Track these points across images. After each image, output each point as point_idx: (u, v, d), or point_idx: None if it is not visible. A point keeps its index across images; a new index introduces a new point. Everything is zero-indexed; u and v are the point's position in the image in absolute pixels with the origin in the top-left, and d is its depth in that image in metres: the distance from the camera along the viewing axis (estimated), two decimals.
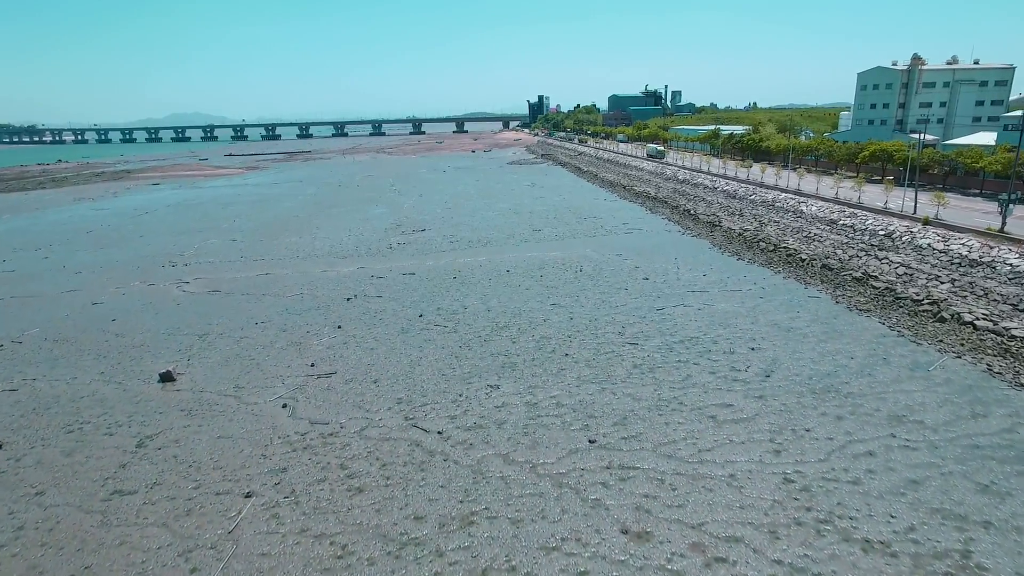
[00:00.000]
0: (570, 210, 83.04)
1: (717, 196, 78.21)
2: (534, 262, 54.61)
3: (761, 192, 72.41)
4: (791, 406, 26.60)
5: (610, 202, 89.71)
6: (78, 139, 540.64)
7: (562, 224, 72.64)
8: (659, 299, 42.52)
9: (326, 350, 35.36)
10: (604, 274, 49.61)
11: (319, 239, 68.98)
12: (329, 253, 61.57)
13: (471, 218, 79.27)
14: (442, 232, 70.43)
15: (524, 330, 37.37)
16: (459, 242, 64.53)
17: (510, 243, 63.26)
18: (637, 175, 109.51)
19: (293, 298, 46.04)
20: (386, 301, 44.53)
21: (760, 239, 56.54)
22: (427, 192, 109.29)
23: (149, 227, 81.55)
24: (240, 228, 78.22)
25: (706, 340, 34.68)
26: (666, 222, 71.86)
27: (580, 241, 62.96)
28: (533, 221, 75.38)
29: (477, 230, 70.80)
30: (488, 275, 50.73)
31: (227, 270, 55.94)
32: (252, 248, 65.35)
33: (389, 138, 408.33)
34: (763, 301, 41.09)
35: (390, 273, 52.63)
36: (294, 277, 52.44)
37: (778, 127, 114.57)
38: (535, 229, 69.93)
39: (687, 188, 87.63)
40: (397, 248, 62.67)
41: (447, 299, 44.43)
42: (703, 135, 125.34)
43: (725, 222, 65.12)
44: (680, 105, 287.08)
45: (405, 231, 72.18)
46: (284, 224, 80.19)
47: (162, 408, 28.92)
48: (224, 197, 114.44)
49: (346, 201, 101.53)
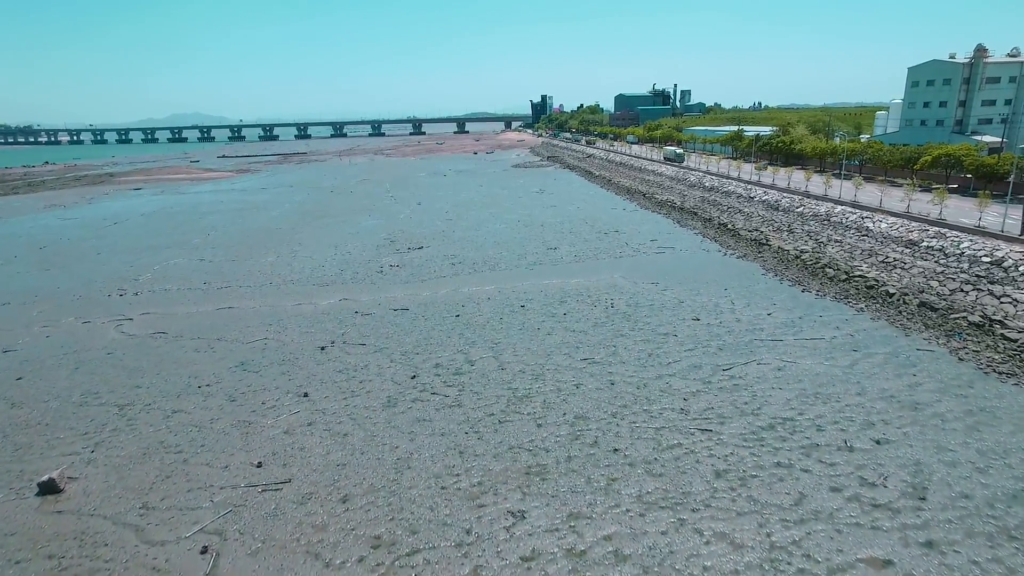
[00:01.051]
0: (587, 222, 73.51)
1: (756, 208, 68.64)
2: (553, 293, 45.10)
3: (810, 204, 62.85)
4: (990, 570, 17.03)
5: (630, 212, 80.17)
6: (73, 140, 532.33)
7: (580, 240, 63.09)
8: (721, 351, 32.99)
9: (283, 436, 25.85)
10: (642, 311, 40.07)
11: (299, 259, 59.46)
12: (308, 278, 52.06)
13: (475, 232, 69.76)
14: (443, 250, 60.91)
15: (551, 403, 27.86)
16: (462, 264, 55.00)
17: (522, 265, 53.73)
18: (656, 181, 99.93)
19: (254, 346, 36.52)
20: (371, 351, 35.01)
21: (824, 264, 46.98)
22: (426, 199, 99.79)
23: (112, 242, 72.09)
24: (213, 243, 68.74)
25: (804, 424, 25.16)
26: (700, 238, 62.28)
27: (605, 263, 53.42)
28: (547, 236, 65.83)
29: (483, 248, 61.26)
30: (498, 312, 41.20)
31: (184, 301, 46.46)
32: (220, 271, 55.85)
33: (388, 139, 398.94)
34: (860, 357, 31.51)
35: (378, 308, 43.09)
36: (261, 313, 42.94)
37: (809, 128, 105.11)
38: (550, 247, 60.36)
39: (717, 197, 78.09)
40: (389, 272, 53.14)
41: (448, 349, 34.91)
42: (724, 137, 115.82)
43: (774, 240, 55.54)
44: (690, 105, 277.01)
45: (400, 248, 62.66)
46: (263, 238, 70.71)
47: (20, 551, 19.40)
48: (206, 204, 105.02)
49: (336, 210, 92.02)
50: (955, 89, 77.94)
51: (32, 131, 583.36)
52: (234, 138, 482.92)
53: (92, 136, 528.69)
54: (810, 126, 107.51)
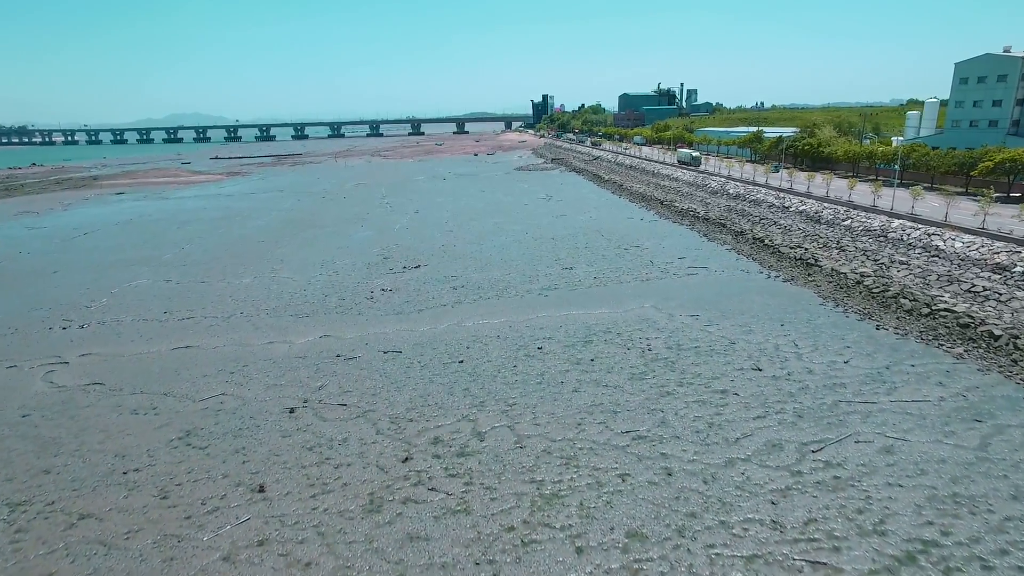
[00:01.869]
0: (602, 234, 66.18)
1: (794, 220, 61.32)
2: (575, 328, 37.77)
3: (859, 216, 55.53)
4: None
5: (649, 223, 72.84)
6: (68, 140, 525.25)
7: (599, 258, 55.76)
8: (801, 419, 25.68)
9: (220, 567, 18.49)
10: (686, 356, 32.77)
11: (279, 280, 52.10)
12: (287, 306, 44.71)
13: (479, 248, 62.41)
14: (442, 270, 53.57)
15: (592, 509, 20.51)
16: (465, 289, 47.66)
17: (535, 291, 46.39)
18: (673, 187, 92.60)
19: (207, 407, 29.15)
20: (352, 416, 27.67)
21: (896, 293, 39.65)
22: (424, 207, 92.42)
23: (75, 257, 64.73)
24: (186, 260, 61.38)
25: (958, 553, 17.82)
26: (735, 255, 54.96)
27: (631, 288, 46.10)
28: (560, 252, 58.49)
29: (488, 267, 53.93)
30: (511, 355, 33.88)
31: (136, 337, 39.10)
32: (187, 296, 48.49)
33: (386, 139, 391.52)
34: (990, 432, 24.19)
35: (366, 349, 35.75)
36: (224, 355, 35.59)
37: (837, 129, 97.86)
38: (565, 267, 53.01)
39: (746, 206, 70.79)
40: (380, 299, 45.78)
41: (450, 413, 27.58)
42: (743, 138, 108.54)
43: (824, 260, 48.22)
44: (696, 105, 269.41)
45: (394, 267, 55.30)
46: (242, 254, 63.34)
47: None
48: (187, 211, 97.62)
49: (327, 219, 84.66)
50: (1012, 86, 70.59)
51: (27, 131, 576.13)
52: (230, 139, 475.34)
53: (87, 136, 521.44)
54: (836, 127, 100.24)
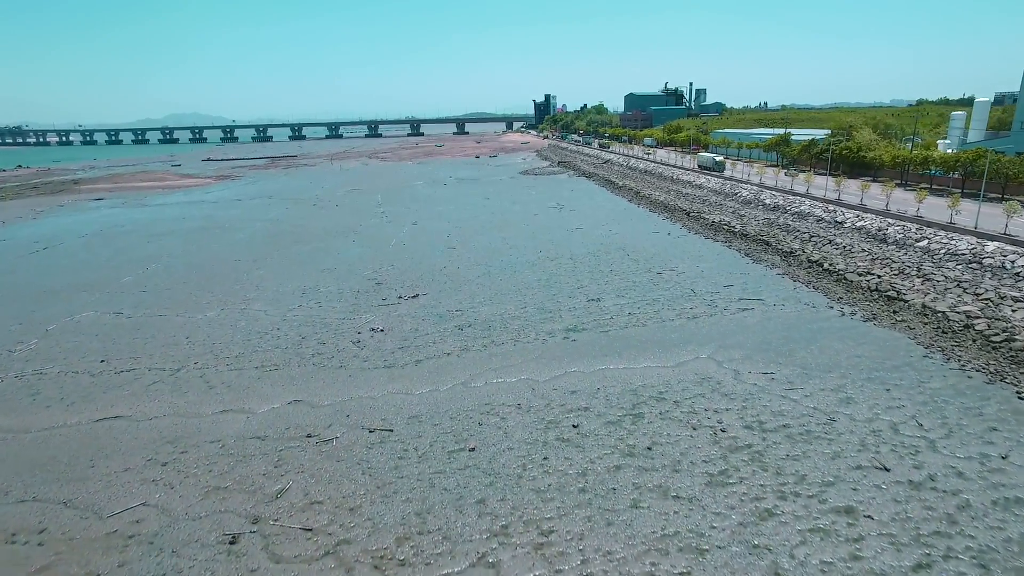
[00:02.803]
0: (628, 253, 57.69)
1: (853, 238, 52.79)
2: (616, 393, 29.27)
3: (937, 236, 47.03)
4: None
5: (678, 239, 64.31)
6: (63, 141, 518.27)
7: (629, 284, 47.26)
8: (986, 571, 17.21)
9: None
10: (777, 446, 24.26)
11: (250, 315, 43.56)
12: (253, 354, 36.19)
13: (487, 271, 53.92)
14: (445, 301, 45.06)
15: None
16: (473, 328, 39.12)
17: (559, 333, 37.86)
18: (697, 195, 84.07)
19: (111, 532, 20.62)
20: (316, 557, 19.14)
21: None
22: (424, 217, 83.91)
23: (22, 278, 56.21)
24: (145, 284, 52.85)
25: None
26: (791, 283, 46.42)
27: (677, 329, 37.57)
28: (582, 277, 49.98)
29: (499, 298, 45.41)
30: (537, 441, 25.38)
31: (54, 400, 30.61)
32: (135, 335, 39.97)
33: (385, 140, 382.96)
34: None
35: (346, 425, 27.24)
36: (158, 433, 27.09)
37: (875, 131, 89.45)
38: (591, 298, 44.44)
39: (789, 220, 62.25)
40: (369, 344, 37.22)
41: (460, 553, 19.07)
42: (769, 141, 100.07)
43: (910, 294, 39.70)
44: (705, 105, 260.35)
45: (388, 297, 46.78)
46: (213, 277, 54.83)
47: None
48: (165, 221, 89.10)
49: (316, 232, 76.12)
50: None
51: (21, 131, 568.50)
52: (227, 139, 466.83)
53: (82, 137, 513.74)
54: (872, 128, 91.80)
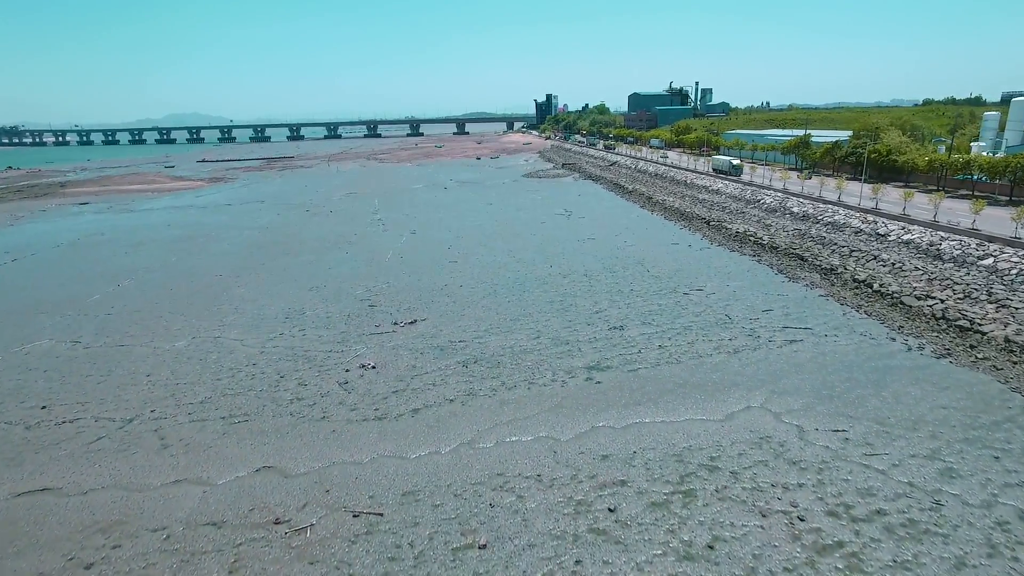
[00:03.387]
0: (647, 268, 52.29)
1: (901, 253, 47.35)
2: (659, 462, 23.88)
3: (1003, 253, 41.52)
4: None
5: (701, 252, 58.88)
6: (59, 141, 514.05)
7: (654, 309, 41.83)
8: None
9: None
10: (878, 546, 18.87)
11: (222, 347, 38.14)
12: (220, 399, 30.79)
13: (493, 290, 48.50)
14: (446, 328, 39.63)
15: None
16: (479, 365, 33.70)
17: (579, 372, 32.45)
18: (716, 202, 78.64)
19: None
20: None
21: None
22: (423, 226, 78.50)
23: None
24: (113, 305, 47.46)
25: None
26: (839, 307, 40.97)
27: (717, 368, 32.15)
28: (599, 298, 44.55)
29: (508, 325, 39.96)
30: (566, 533, 19.99)
31: None
32: (87, 374, 34.56)
33: (384, 140, 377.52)
34: None
35: (325, 504, 21.83)
36: (89, 516, 21.70)
37: (904, 133, 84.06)
38: (613, 326, 38.97)
39: (823, 232, 56.81)
40: (357, 387, 31.78)
41: None
42: (787, 143, 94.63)
43: (988, 324, 34.29)
44: (711, 105, 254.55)
45: (382, 323, 41.37)
46: (190, 296, 49.45)
47: None
48: (148, 228, 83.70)
49: (306, 242, 70.71)
50: None
51: (18, 132, 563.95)
52: (224, 140, 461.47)
53: (78, 137, 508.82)
54: (899, 129, 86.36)
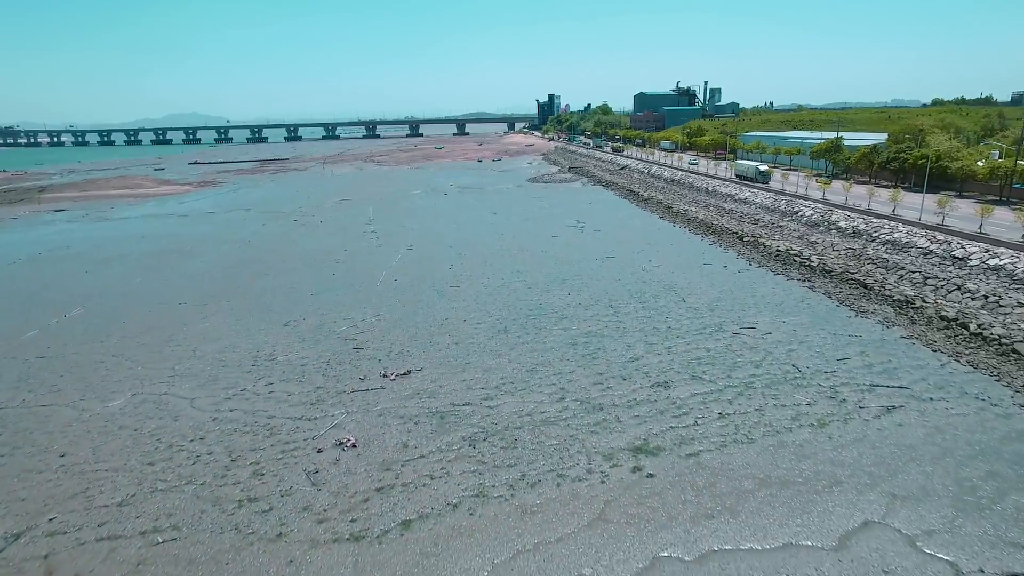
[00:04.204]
0: (681, 296, 44.66)
1: (992, 283, 39.79)
2: None
3: None
4: None
5: (739, 275, 51.24)
6: (54, 141, 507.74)
7: (702, 355, 34.19)
8: None
9: None
10: None
11: (168, 408, 30.50)
12: (146, 497, 23.16)
13: (503, 326, 40.84)
14: (447, 382, 31.96)
15: None
16: (490, 441, 26.06)
17: (623, 455, 24.79)
18: (746, 213, 71.08)
19: None
20: None
21: None
22: (421, 239, 70.90)
23: None
24: (52, 342, 39.82)
25: None
26: (930, 352, 33.32)
27: (802, 453, 24.49)
28: (632, 339, 36.88)
29: (524, 378, 32.29)
30: None
31: None
32: None
33: (382, 141, 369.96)
34: None
35: None
36: None
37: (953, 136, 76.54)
38: (657, 382, 31.21)
39: (882, 251, 49.25)
40: (331, 475, 24.09)
41: None
42: (818, 147, 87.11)
43: None
44: (720, 105, 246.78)
45: (368, 375, 33.71)
46: (144, 331, 41.84)
47: None
48: (119, 241, 76.14)
49: (289, 259, 63.07)
50: None
51: (12, 132, 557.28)
52: (221, 140, 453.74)
53: (73, 138, 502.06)
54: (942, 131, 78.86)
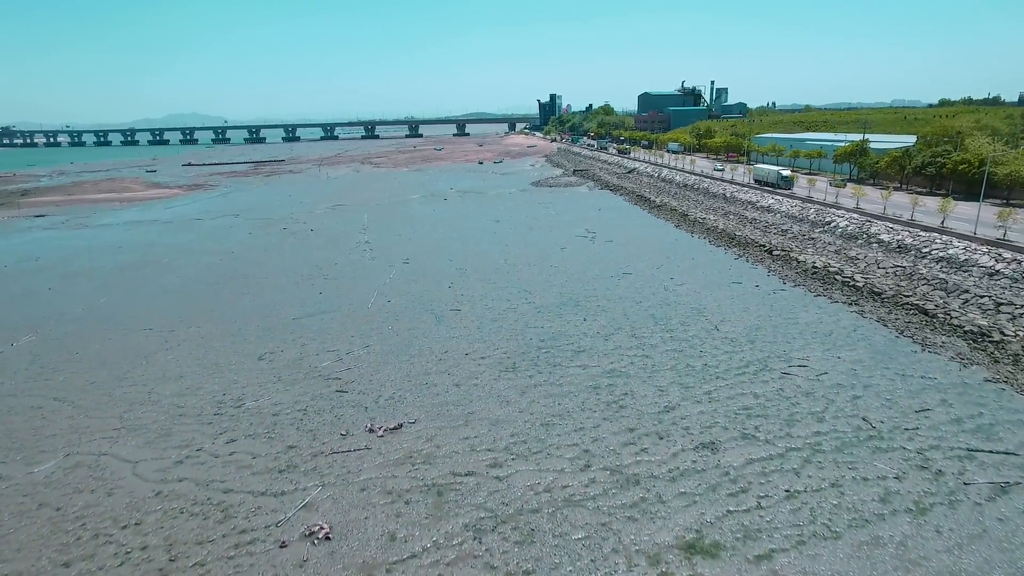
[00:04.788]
0: (717, 326, 39.07)
1: None
2: None
3: None
4: None
5: (773, 295, 45.58)
6: (50, 142, 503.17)
7: (750, 403, 28.58)
8: None
9: None
10: None
11: (103, 476, 24.88)
12: None
13: (511, 361, 35.18)
14: (446, 443, 26.28)
15: None
16: (500, 529, 20.43)
17: (670, 550, 19.12)
18: (770, 223, 65.48)
19: None
20: None
21: None
22: (418, 251, 65.27)
23: None
24: None
25: None
26: None
27: (903, 556, 18.87)
28: (663, 380, 31.27)
29: (537, 435, 26.62)
30: None
31: None
32: None
33: (381, 142, 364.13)
34: None
35: None
36: None
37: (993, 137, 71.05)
38: (700, 443, 25.51)
39: (936, 270, 43.67)
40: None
41: None
42: (843, 149, 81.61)
43: None
44: (727, 105, 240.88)
45: (351, 425, 28.04)
46: (94, 370, 36.25)
47: None
48: (93, 251, 70.60)
49: (272, 274, 57.46)
50: None
51: (8, 132, 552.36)
52: (218, 141, 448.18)
53: (69, 138, 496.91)
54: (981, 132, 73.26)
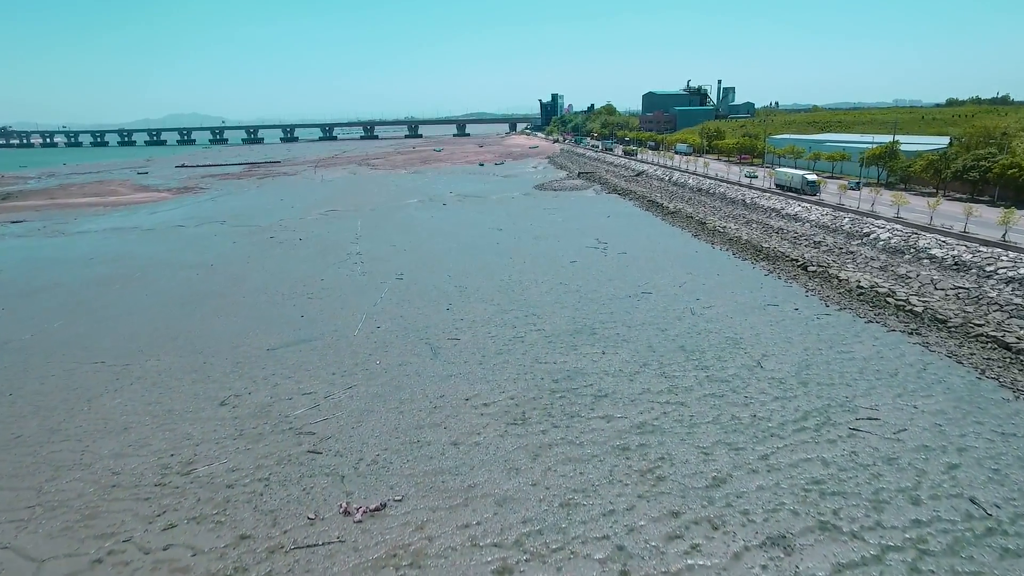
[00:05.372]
0: (760, 362, 33.61)
1: None
2: None
3: None
4: None
5: (817, 321, 40.01)
6: (47, 142, 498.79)
7: (817, 471, 23.06)
8: None
9: None
10: None
11: None
12: None
13: (519, 411, 29.65)
14: (441, 535, 20.70)
15: None
16: None
17: None
18: (800, 233, 59.91)
19: None
20: None
21: None
22: (413, 265, 59.72)
23: None
24: None
25: None
26: None
27: None
28: (704, 440, 25.72)
29: (555, 523, 21.05)
30: None
31: None
32: None
33: (380, 143, 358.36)
34: None
35: None
36: None
37: None
38: (767, 537, 19.87)
39: (1009, 293, 38.20)
40: None
41: None
42: (871, 152, 76.18)
43: None
44: (735, 105, 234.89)
45: (323, 505, 22.46)
46: (25, 419, 30.75)
47: None
48: (63, 263, 65.12)
49: (252, 292, 51.92)
50: None
51: (5, 133, 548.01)
52: (216, 141, 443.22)
53: (66, 139, 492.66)
54: None
